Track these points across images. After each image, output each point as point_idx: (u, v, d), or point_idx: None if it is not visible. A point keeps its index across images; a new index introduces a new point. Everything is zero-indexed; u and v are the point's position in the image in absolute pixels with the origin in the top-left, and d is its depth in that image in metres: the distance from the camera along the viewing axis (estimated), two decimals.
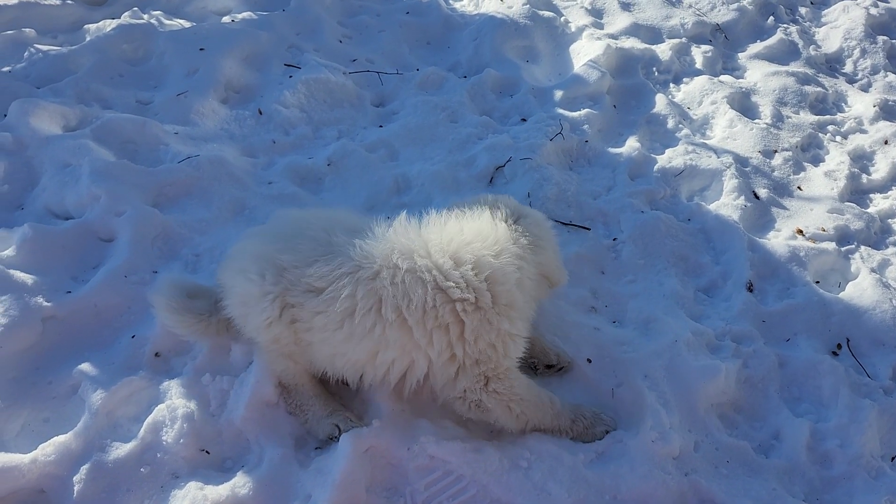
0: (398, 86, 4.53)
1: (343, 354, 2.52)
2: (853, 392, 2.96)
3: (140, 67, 4.37)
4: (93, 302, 2.98)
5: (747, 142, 4.16)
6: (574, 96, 4.44)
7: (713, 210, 3.75)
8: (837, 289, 3.45)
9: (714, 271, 3.49)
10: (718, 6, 5.39)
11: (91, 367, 2.77)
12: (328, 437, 2.64)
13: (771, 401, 2.97)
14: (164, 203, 3.48)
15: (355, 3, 5.27)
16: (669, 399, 2.84)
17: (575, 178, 3.92)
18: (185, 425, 2.58)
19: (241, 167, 3.73)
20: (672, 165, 4.00)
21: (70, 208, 3.42)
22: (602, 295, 3.37)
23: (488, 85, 4.52)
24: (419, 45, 5.01)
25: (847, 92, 4.73)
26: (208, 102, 4.10)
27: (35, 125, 3.70)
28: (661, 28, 5.15)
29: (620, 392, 2.89)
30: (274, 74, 4.39)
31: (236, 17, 4.85)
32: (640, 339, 3.11)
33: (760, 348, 3.09)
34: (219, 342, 2.86)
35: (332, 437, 2.63)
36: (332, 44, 4.78)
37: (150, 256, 3.19)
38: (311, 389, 2.72)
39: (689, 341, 3.03)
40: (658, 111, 4.39)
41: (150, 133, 3.80)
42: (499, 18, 4.97)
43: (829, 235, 3.63)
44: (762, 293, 3.39)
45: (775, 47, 5.05)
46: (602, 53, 4.66)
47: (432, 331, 2.44)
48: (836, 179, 3.98)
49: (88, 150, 3.56)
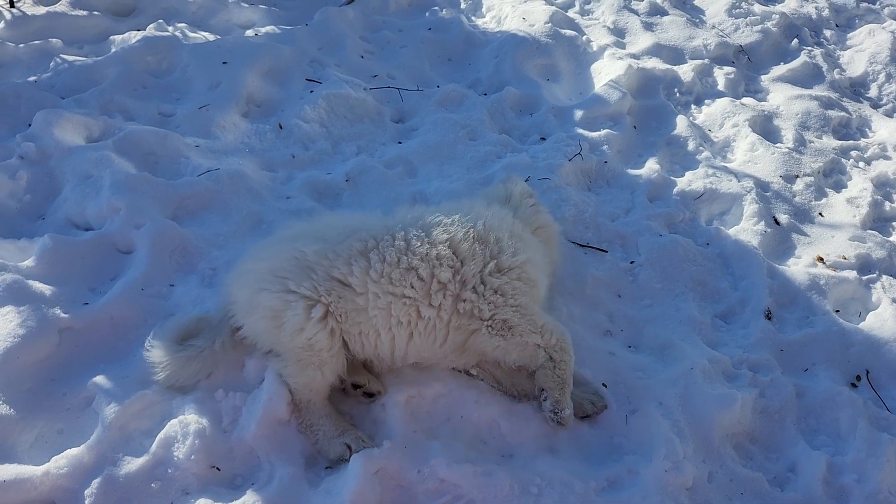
0: (418, 102, 4.54)
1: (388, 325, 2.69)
2: (872, 426, 2.91)
3: (163, 80, 4.41)
4: (109, 314, 3.00)
5: (768, 166, 4.12)
6: (594, 116, 4.43)
7: (732, 235, 3.71)
8: (858, 318, 3.40)
9: (732, 297, 3.45)
10: (742, 27, 5.36)
11: (105, 380, 2.78)
12: (339, 457, 2.63)
13: (787, 432, 2.92)
14: (184, 216, 3.50)
15: (378, 19, 5.30)
16: (684, 428, 2.81)
17: (593, 199, 3.91)
18: (197, 441, 2.59)
19: (259, 181, 3.75)
20: (692, 188, 3.97)
21: (90, 219, 3.45)
22: (618, 319, 3.35)
23: (508, 103, 4.53)
24: (440, 61, 5.03)
25: (871, 117, 4.68)
26: (230, 116, 4.13)
27: (58, 135, 3.74)
28: (684, 49, 5.13)
29: (634, 419, 2.86)
30: (295, 89, 4.42)
31: (260, 31, 4.89)
32: (655, 366, 3.08)
33: (778, 378, 3.05)
34: (233, 357, 2.87)
35: (342, 458, 2.62)
36: (353, 59, 4.81)
37: (167, 269, 3.21)
38: (323, 409, 2.72)
39: (706, 369, 3.00)
40: (679, 133, 4.37)
41: (172, 146, 3.83)
42: (520, 36, 4.98)
43: (850, 264, 3.58)
44: (781, 321, 3.35)
45: (799, 70, 5.01)
46: (623, 73, 4.65)
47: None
48: (859, 206, 3.93)
49: (110, 162, 3.59)
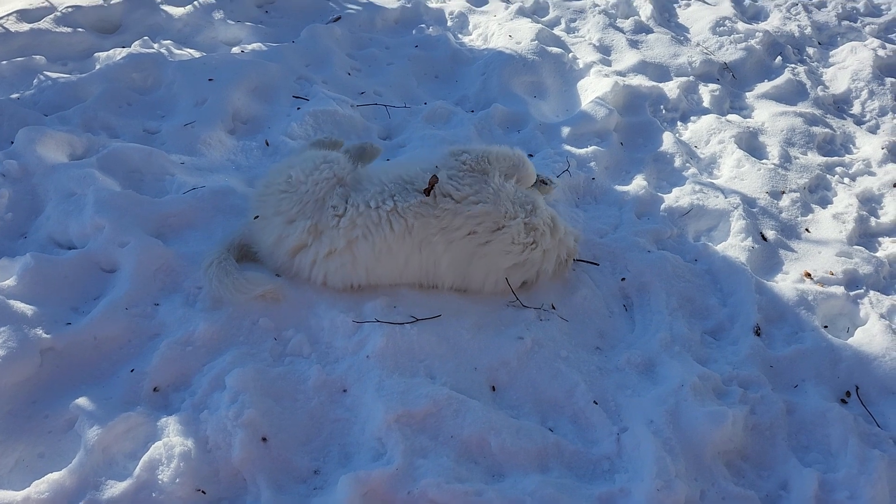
0: (405, 119, 4.53)
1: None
2: (862, 442, 2.90)
3: (148, 96, 4.38)
4: (93, 334, 2.95)
5: (755, 182, 4.15)
6: (581, 133, 4.44)
7: (720, 251, 3.72)
8: (846, 334, 3.41)
9: (721, 314, 3.45)
10: (726, 45, 5.41)
11: (88, 402, 2.72)
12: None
13: (779, 449, 2.91)
14: (168, 234, 3.46)
15: (365, 36, 5.30)
16: (675, 446, 2.79)
17: (581, 215, 3.91)
18: (182, 464, 2.53)
19: (245, 198, 3.71)
20: (679, 205, 3.98)
21: (73, 238, 3.40)
22: (608, 335, 3.33)
23: (496, 120, 4.53)
24: (427, 78, 5.03)
25: (855, 133, 4.72)
26: (215, 133, 4.11)
27: (41, 153, 3.70)
28: (669, 66, 5.16)
29: (625, 437, 2.84)
30: (282, 106, 4.40)
31: (246, 48, 4.88)
32: (644, 383, 3.07)
33: (768, 394, 3.04)
34: (218, 377, 2.83)
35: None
36: (340, 76, 4.80)
37: (151, 289, 3.17)
38: None
39: (696, 386, 2.98)
40: (665, 149, 4.39)
41: (157, 163, 3.80)
42: (507, 54, 4.99)
43: (837, 279, 3.60)
44: (770, 337, 3.35)
45: (783, 87, 5.06)
46: (609, 90, 4.67)
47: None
48: (845, 222, 3.95)
49: (94, 180, 3.55)
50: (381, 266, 3.20)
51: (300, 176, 3.20)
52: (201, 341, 2.98)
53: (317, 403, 2.86)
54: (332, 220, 3.14)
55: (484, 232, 3.19)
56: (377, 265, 3.19)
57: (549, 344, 3.15)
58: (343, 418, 2.85)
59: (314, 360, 2.99)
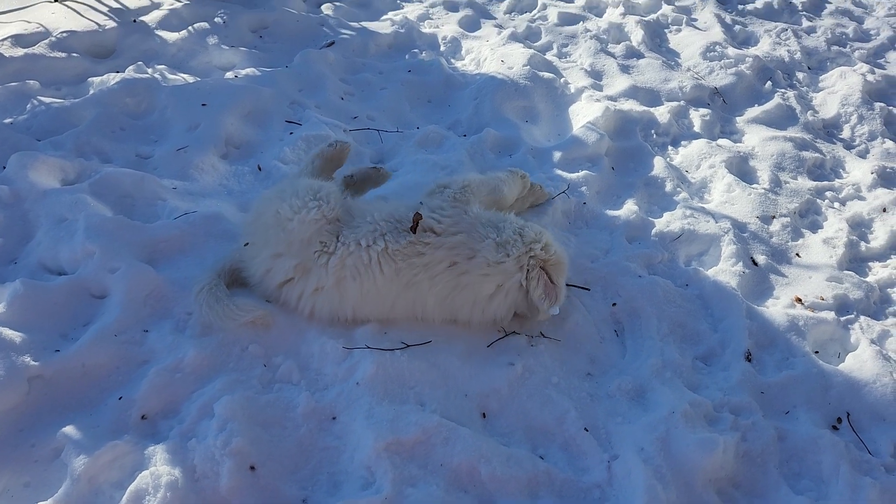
0: (398, 143, 4.55)
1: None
2: (854, 469, 2.89)
3: (142, 121, 4.39)
4: (81, 362, 2.93)
5: (745, 207, 4.16)
6: (573, 157, 4.46)
7: (711, 276, 3.72)
8: (837, 359, 3.41)
9: (712, 339, 3.45)
10: (717, 70, 5.46)
11: (75, 430, 2.70)
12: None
13: (770, 476, 2.90)
14: (159, 259, 3.45)
15: (358, 61, 5.33)
16: (666, 473, 2.78)
17: (573, 240, 3.91)
18: (169, 494, 2.51)
19: (237, 224, 3.71)
20: (669, 229, 3.99)
21: (64, 264, 3.39)
22: (599, 361, 3.33)
23: (488, 144, 4.55)
24: (420, 103, 5.06)
25: (845, 158, 4.75)
26: (208, 158, 4.11)
27: (33, 178, 3.70)
28: (660, 91, 5.20)
29: (616, 465, 2.83)
30: (275, 130, 4.41)
31: (240, 73, 4.90)
32: (635, 410, 3.06)
33: (759, 421, 3.03)
34: (207, 405, 2.81)
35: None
36: (333, 101, 4.83)
37: (141, 315, 3.16)
38: None
39: (687, 413, 2.98)
40: (656, 174, 4.41)
41: (149, 188, 3.80)
42: (499, 79, 5.03)
43: (828, 304, 3.60)
44: (761, 363, 3.35)
45: (773, 112, 5.09)
46: (601, 115, 4.70)
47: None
48: (835, 247, 3.97)
49: (85, 205, 3.55)
50: (368, 305, 3.19)
51: (288, 213, 3.18)
52: (190, 368, 2.97)
53: (306, 431, 2.84)
54: (321, 259, 3.14)
55: (462, 261, 3.19)
56: (364, 304, 3.18)
57: (540, 370, 3.14)
58: (332, 446, 2.83)
59: (303, 388, 2.98)
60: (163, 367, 2.95)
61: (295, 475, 2.74)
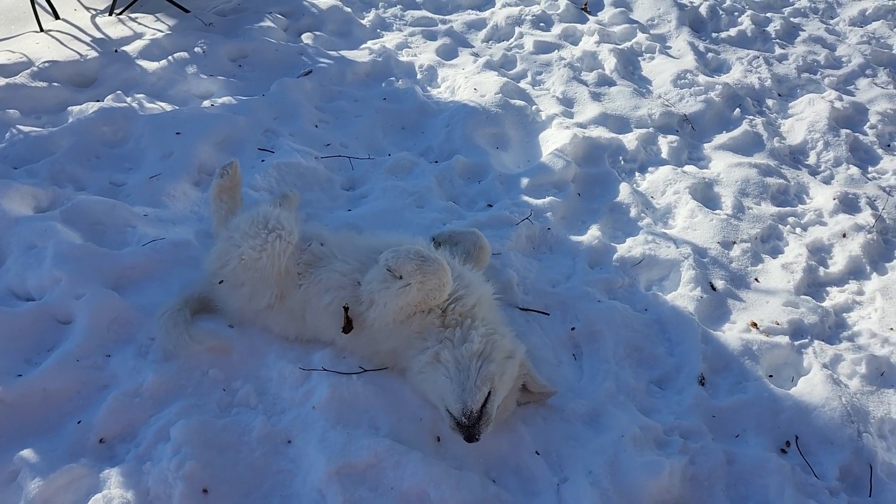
0: (369, 170, 4.64)
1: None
2: (798, 492, 2.94)
3: (117, 150, 4.49)
4: (42, 386, 3.00)
5: (707, 232, 4.24)
6: (539, 184, 4.55)
7: (670, 301, 3.79)
8: (790, 383, 3.47)
9: (668, 363, 3.51)
10: (686, 97, 5.56)
11: (33, 454, 2.77)
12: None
13: (717, 499, 2.95)
14: (126, 286, 3.52)
15: (335, 89, 5.44)
16: (612, 496, 2.83)
17: (535, 264, 3.98)
18: None
19: (205, 250, 3.78)
20: (631, 255, 4.07)
21: (31, 290, 3.47)
22: (556, 385, 3.37)
23: (457, 171, 4.63)
24: (394, 130, 5.15)
25: (809, 184, 4.83)
26: (180, 185, 4.20)
27: (6, 206, 3.78)
28: (630, 118, 5.30)
29: (565, 488, 2.88)
30: (247, 158, 4.50)
31: (216, 102, 5.01)
32: (587, 433, 3.11)
33: (708, 444, 3.08)
34: (163, 428, 2.88)
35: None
36: (308, 128, 4.92)
37: (105, 340, 3.22)
38: None
39: (636, 436, 3.03)
40: (621, 200, 4.49)
41: (119, 215, 3.88)
42: (471, 106, 5.13)
43: (782, 329, 3.67)
44: (714, 387, 3.40)
45: (740, 138, 5.18)
46: (569, 142, 4.79)
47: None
48: (793, 272, 4.03)
49: (55, 232, 3.63)
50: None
51: (253, 254, 3.22)
52: (149, 392, 3.04)
53: (260, 455, 2.90)
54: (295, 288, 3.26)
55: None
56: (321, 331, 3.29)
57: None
58: (286, 469, 2.89)
59: (260, 411, 3.04)
60: (122, 391, 3.02)
61: (248, 498, 2.79)
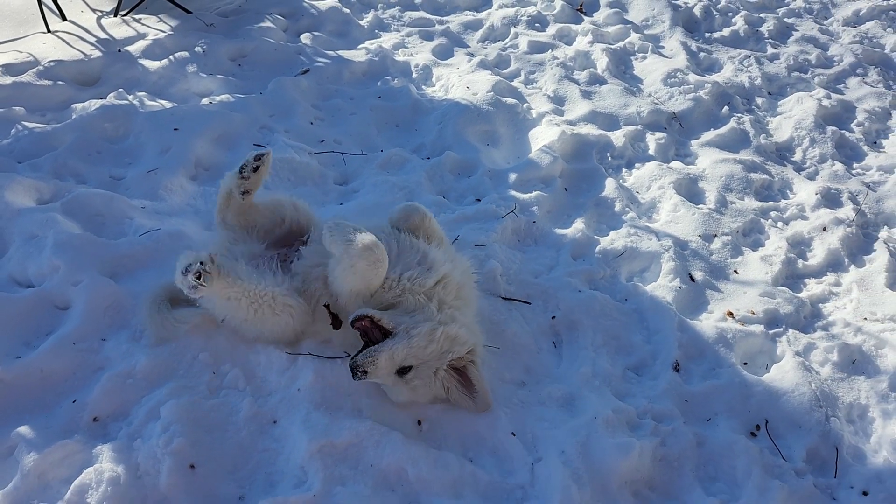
0: (361, 166, 4.77)
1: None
2: (765, 473, 3.05)
3: (118, 145, 4.64)
4: (39, 367, 3.15)
5: (688, 226, 4.34)
6: (527, 179, 4.66)
7: (649, 291, 3.90)
8: (764, 370, 3.57)
9: (644, 350, 3.62)
10: (676, 95, 5.66)
11: (29, 430, 2.91)
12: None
13: (685, 479, 3.05)
14: (122, 274, 3.66)
15: (331, 88, 5.57)
16: (583, 475, 2.94)
17: (519, 256, 4.10)
18: (110, 489, 2.71)
19: (200, 241, 3.92)
20: (613, 247, 4.17)
21: (32, 277, 3.61)
22: (534, 371, 3.50)
23: (447, 166, 4.75)
24: (388, 127, 5.28)
25: (793, 180, 4.93)
26: (177, 179, 4.34)
27: (9, 198, 3.93)
28: (619, 115, 5.41)
29: (539, 467, 3.00)
30: (243, 153, 4.58)
31: (215, 99, 5.15)
32: (562, 416, 3.23)
33: (679, 427, 3.19)
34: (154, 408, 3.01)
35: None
36: (303, 125, 5.06)
37: (100, 325, 3.36)
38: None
39: (609, 419, 3.15)
40: (607, 195, 4.60)
41: (118, 207, 4.02)
42: (463, 104, 5.25)
43: (758, 318, 3.77)
44: (688, 373, 3.51)
45: (727, 135, 5.28)
46: (557, 139, 4.91)
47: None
48: (772, 264, 4.13)
49: (55, 223, 3.77)
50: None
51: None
52: (142, 374, 3.17)
53: (246, 434, 3.03)
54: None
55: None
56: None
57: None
58: (271, 448, 3.02)
59: (248, 394, 3.17)
60: (116, 373, 3.16)
61: (234, 475, 2.93)
